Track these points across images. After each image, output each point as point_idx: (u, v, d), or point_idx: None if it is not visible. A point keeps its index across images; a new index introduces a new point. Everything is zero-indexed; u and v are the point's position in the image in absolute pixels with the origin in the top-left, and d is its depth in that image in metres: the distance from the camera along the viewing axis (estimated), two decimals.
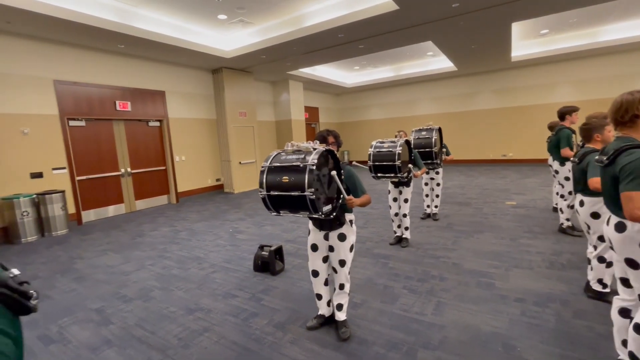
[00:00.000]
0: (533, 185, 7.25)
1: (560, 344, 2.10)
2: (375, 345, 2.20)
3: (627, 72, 9.02)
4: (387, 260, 3.62)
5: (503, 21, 6.04)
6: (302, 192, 1.84)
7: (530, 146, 10.51)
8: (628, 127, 1.61)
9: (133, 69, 6.66)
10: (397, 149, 3.37)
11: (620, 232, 1.62)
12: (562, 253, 3.52)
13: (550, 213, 5.02)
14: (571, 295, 2.68)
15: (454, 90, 11.70)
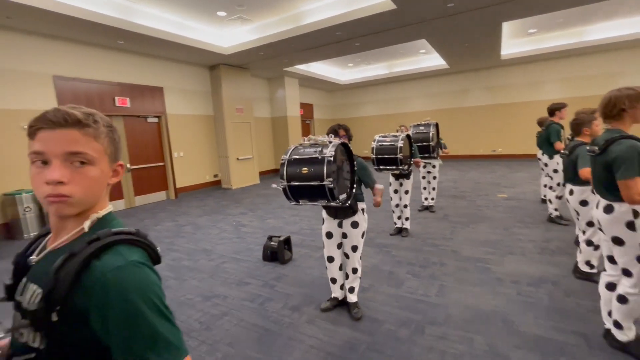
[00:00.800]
0: (522, 179, 7.56)
1: (552, 318, 2.32)
2: (386, 323, 2.39)
3: (611, 71, 9.42)
4: (390, 249, 3.82)
5: (494, 21, 6.27)
6: (322, 182, 1.99)
7: (519, 142, 10.87)
8: (616, 120, 1.82)
9: (132, 65, 6.66)
10: (399, 142, 3.55)
11: (608, 213, 1.83)
12: (552, 240, 3.78)
13: (539, 204, 5.29)
14: (561, 276, 2.91)
15: (445, 87, 11.97)
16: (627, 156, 1.65)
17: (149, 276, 0.62)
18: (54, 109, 0.63)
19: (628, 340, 1.89)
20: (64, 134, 0.63)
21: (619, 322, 1.91)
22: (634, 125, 1.85)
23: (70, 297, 0.58)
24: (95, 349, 0.61)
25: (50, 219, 0.69)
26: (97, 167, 0.66)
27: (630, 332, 1.90)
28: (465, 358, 1.98)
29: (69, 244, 0.66)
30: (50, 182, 0.61)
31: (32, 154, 0.63)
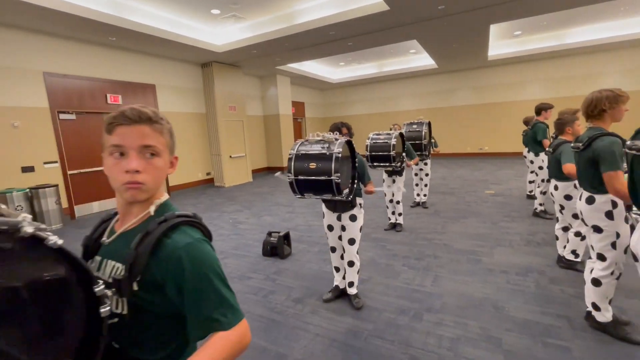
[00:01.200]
0: (508, 176, 7.85)
1: (539, 303, 2.50)
2: (385, 311, 2.52)
3: (591, 72, 9.84)
4: (385, 243, 3.96)
5: (482, 23, 6.49)
6: (329, 177, 2.09)
7: (505, 140, 11.23)
8: (597, 119, 1.99)
9: (124, 62, 6.59)
10: (392, 140, 3.68)
11: (590, 204, 2.01)
12: (537, 233, 3.99)
13: (525, 200, 5.54)
14: (546, 266, 3.11)
15: (434, 86, 12.23)
16: (609, 151, 1.82)
17: (210, 251, 0.74)
18: (130, 107, 0.73)
19: (606, 321, 2.07)
20: (138, 129, 0.72)
21: (596, 304, 2.09)
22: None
23: (148, 268, 0.68)
24: (168, 313, 0.72)
25: (120, 205, 0.78)
26: (162, 158, 0.76)
27: (607, 313, 2.08)
28: (461, 341, 2.13)
29: (137, 226, 0.76)
30: (130, 171, 0.71)
31: (111, 146, 0.72)
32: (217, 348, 0.66)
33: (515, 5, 5.56)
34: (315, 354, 2.10)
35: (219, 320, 0.68)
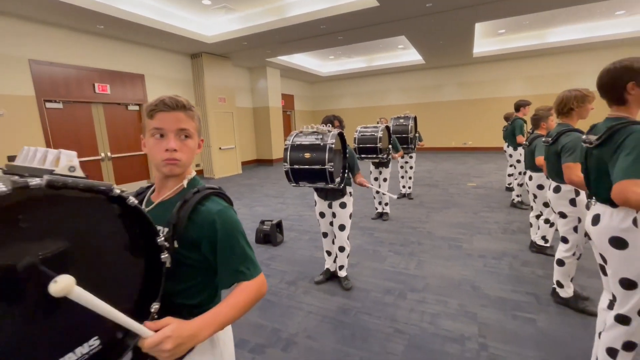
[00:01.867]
0: (489, 170, 8.20)
1: (512, 283, 2.75)
2: (373, 291, 2.72)
3: (569, 70, 10.28)
4: (372, 231, 4.17)
5: (468, 21, 6.71)
6: (323, 166, 2.25)
7: (487, 135, 11.62)
8: (566, 116, 2.21)
9: (112, 51, 6.50)
10: (379, 133, 3.86)
11: (556, 192, 2.24)
12: (513, 222, 4.28)
13: (504, 192, 5.85)
14: (519, 251, 3.38)
15: (421, 82, 12.49)
16: (571, 145, 2.04)
17: (236, 216, 0.91)
18: (168, 97, 0.87)
19: (568, 296, 2.33)
20: (176, 115, 0.87)
21: (560, 282, 2.34)
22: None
23: (187, 229, 0.84)
24: (202, 267, 0.88)
25: (157, 179, 0.94)
26: (193, 140, 0.92)
27: (569, 289, 2.33)
28: (441, 316, 2.35)
29: (173, 197, 0.92)
30: (169, 149, 0.86)
31: (153, 129, 0.86)
32: (242, 294, 0.83)
33: (499, 5, 5.79)
34: (308, 329, 2.28)
35: (244, 272, 0.85)
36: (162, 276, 0.77)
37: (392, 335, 2.17)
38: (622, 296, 1.42)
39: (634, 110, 1.42)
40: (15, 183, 0.52)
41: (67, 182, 0.58)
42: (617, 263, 1.42)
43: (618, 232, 1.39)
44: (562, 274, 2.30)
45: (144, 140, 0.91)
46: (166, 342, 0.67)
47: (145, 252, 0.75)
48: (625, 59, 1.41)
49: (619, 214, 1.39)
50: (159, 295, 0.76)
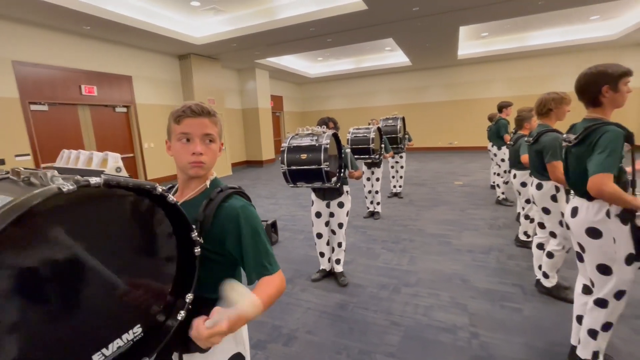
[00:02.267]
0: (475, 168, 8.46)
1: (499, 275, 2.90)
2: (368, 287, 2.82)
3: (548, 72, 10.70)
4: (365, 230, 4.27)
5: (453, 24, 6.93)
6: (319, 166, 2.33)
7: (472, 135, 11.94)
8: (545, 117, 2.36)
9: (99, 52, 6.39)
10: (371, 134, 3.97)
11: (539, 189, 2.39)
12: (499, 218, 4.47)
13: (489, 190, 6.07)
14: (505, 245, 3.55)
15: (408, 83, 12.73)
16: (552, 145, 2.19)
17: (256, 213, 0.98)
18: (195, 103, 0.94)
19: (552, 285, 2.48)
20: (201, 120, 0.94)
21: (546, 272, 2.49)
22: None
23: (212, 227, 0.90)
24: (225, 261, 0.95)
25: (181, 180, 1.00)
26: (216, 144, 0.99)
27: (553, 279, 2.49)
28: (434, 308, 2.47)
29: (197, 196, 0.98)
30: (196, 153, 0.92)
31: (180, 133, 0.93)
32: (268, 288, 0.88)
33: (482, 9, 6.01)
34: (307, 324, 2.35)
35: (267, 267, 0.91)
36: (196, 269, 0.83)
37: (388, 327, 2.27)
38: (600, 281, 1.56)
39: (608, 111, 1.56)
40: (78, 182, 0.58)
41: (120, 181, 0.64)
42: (593, 251, 1.56)
43: (593, 223, 1.53)
44: (550, 265, 2.43)
45: (169, 144, 0.98)
46: (222, 323, 0.71)
47: (179, 247, 0.81)
48: (600, 65, 1.54)
49: (594, 206, 1.53)
50: (193, 287, 0.83)
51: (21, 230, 0.52)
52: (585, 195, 1.57)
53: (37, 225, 0.55)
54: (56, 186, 0.56)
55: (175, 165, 0.99)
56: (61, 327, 0.60)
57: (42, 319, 0.57)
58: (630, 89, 1.53)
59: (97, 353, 0.66)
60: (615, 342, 1.94)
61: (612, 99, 1.52)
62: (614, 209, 1.49)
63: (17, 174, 0.72)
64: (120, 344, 0.70)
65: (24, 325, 0.55)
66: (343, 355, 2.02)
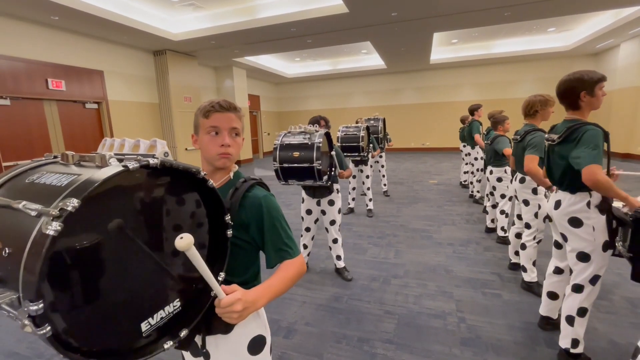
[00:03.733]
0: (447, 168, 8.90)
1: (478, 265, 3.12)
2: (359, 280, 2.93)
3: (511, 79, 11.48)
4: (351, 226, 4.40)
5: (428, 30, 7.26)
6: (311, 164, 2.39)
7: (443, 136, 12.53)
8: (532, 117, 2.58)
9: (68, 44, 6.03)
10: (361, 132, 4.11)
11: (522, 183, 2.61)
12: (473, 213, 4.77)
13: (461, 188, 6.43)
14: (481, 238, 3.81)
15: (383, 86, 13.10)
16: (535, 142, 2.40)
17: (276, 202, 1.04)
18: (222, 99, 0.99)
19: (532, 281, 2.63)
20: (228, 115, 0.99)
21: (524, 266, 2.67)
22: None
23: (238, 214, 0.96)
24: (249, 247, 1.00)
25: (207, 171, 1.02)
26: (240, 138, 1.04)
27: (533, 274, 2.64)
28: (423, 297, 2.62)
29: (222, 187, 1.03)
30: (225, 145, 0.98)
31: (209, 127, 0.98)
32: (289, 270, 0.95)
33: (456, 17, 6.37)
34: (305, 317, 2.42)
35: (287, 251, 0.98)
36: (228, 249, 0.89)
37: (383, 316, 2.39)
38: (579, 268, 1.75)
39: (585, 113, 1.77)
40: (140, 161, 0.64)
41: (173, 162, 0.70)
42: (574, 240, 1.75)
43: (575, 213, 1.73)
44: (525, 257, 2.63)
45: (196, 138, 1.03)
46: (237, 303, 0.77)
47: (213, 228, 0.87)
48: (578, 72, 1.74)
49: (576, 198, 1.73)
50: (225, 266, 0.89)
51: (89, 206, 0.55)
52: (568, 189, 1.76)
53: (103, 201, 0.59)
54: (122, 164, 0.61)
55: (202, 156, 1.04)
56: (116, 297, 0.65)
57: (101, 289, 0.62)
58: (605, 93, 1.73)
59: (145, 322, 0.72)
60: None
61: (589, 102, 1.72)
62: (594, 200, 1.69)
63: (67, 158, 0.74)
64: (163, 315, 0.76)
65: (87, 292, 0.60)
66: (343, 343, 2.11)
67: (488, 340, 2.08)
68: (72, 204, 0.52)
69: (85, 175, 0.59)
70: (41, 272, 0.50)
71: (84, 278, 0.59)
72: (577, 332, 1.77)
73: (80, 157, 0.73)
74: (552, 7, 5.97)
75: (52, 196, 0.56)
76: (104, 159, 0.65)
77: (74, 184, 0.58)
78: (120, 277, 0.65)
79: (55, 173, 0.67)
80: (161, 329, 0.76)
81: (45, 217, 0.52)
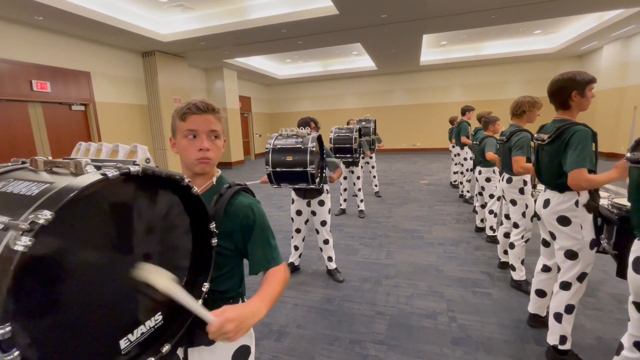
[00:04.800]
0: (437, 168, 8.99)
1: (468, 265, 3.15)
2: (351, 281, 2.93)
3: (499, 80, 11.67)
4: (342, 227, 4.40)
5: (417, 32, 7.33)
6: (305, 169, 2.38)
7: (434, 137, 12.65)
8: (518, 117, 2.63)
9: (53, 45, 5.90)
10: (354, 133, 4.12)
11: (509, 183, 2.65)
12: (463, 213, 4.82)
13: (451, 187, 6.50)
14: (471, 238, 3.85)
15: (373, 87, 13.18)
16: (520, 143, 2.45)
17: (263, 210, 1.01)
18: (199, 100, 0.94)
19: (521, 279, 2.67)
20: (207, 117, 0.94)
21: (513, 265, 2.71)
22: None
23: (222, 221, 0.92)
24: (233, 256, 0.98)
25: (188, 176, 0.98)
26: (221, 140, 0.99)
27: (521, 272, 2.68)
28: (414, 297, 2.63)
29: (203, 194, 0.98)
30: (203, 149, 0.93)
31: (186, 130, 0.93)
32: (278, 276, 0.94)
33: (444, 19, 6.45)
34: (297, 319, 2.40)
35: (274, 258, 0.97)
36: (212, 259, 0.86)
37: (374, 317, 2.39)
38: (567, 266, 1.78)
39: (575, 113, 1.80)
40: (120, 169, 0.60)
41: (155, 170, 0.67)
42: (562, 238, 1.78)
43: (564, 212, 1.76)
44: (514, 256, 2.67)
45: (174, 141, 0.98)
46: (228, 324, 0.73)
47: (196, 237, 0.84)
48: (569, 72, 1.77)
49: (565, 197, 1.76)
50: (209, 276, 0.86)
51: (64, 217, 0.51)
52: (557, 188, 1.79)
53: (76, 211, 0.55)
54: (101, 172, 0.57)
55: (181, 162, 0.99)
56: (92, 314, 0.61)
57: (74, 306, 0.57)
58: (593, 95, 1.77)
59: (124, 338, 0.68)
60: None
61: (579, 102, 1.75)
62: (582, 199, 1.72)
63: (36, 164, 0.71)
64: (144, 330, 0.72)
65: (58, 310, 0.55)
66: (335, 345, 2.11)
67: (478, 339, 2.10)
68: (45, 216, 0.47)
69: (59, 184, 0.55)
70: (8, 292, 0.45)
71: (56, 296, 0.54)
72: (565, 329, 1.80)
73: (51, 163, 0.69)
74: (536, 10, 6.10)
75: (21, 207, 0.52)
76: (80, 165, 0.61)
77: (46, 193, 0.53)
78: (98, 292, 0.61)
79: (24, 181, 0.62)
80: (142, 345, 0.72)
81: (14, 231, 0.47)
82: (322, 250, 3.01)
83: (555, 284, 1.86)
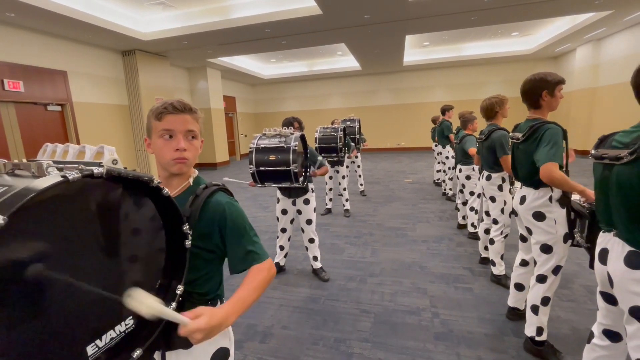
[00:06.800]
0: (421, 167, 9.14)
1: (451, 261, 3.22)
2: (336, 280, 2.95)
3: (479, 80, 11.96)
4: (328, 227, 4.42)
5: (400, 33, 7.43)
6: (288, 167, 2.39)
7: (417, 136, 12.86)
8: (494, 118, 2.71)
9: (26, 43, 5.66)
10: (339, 133, 4.14)
11: (488, 180, 2.72)
12: (446, 211, 4.92)
13: (435, 186, 6.63)
14: (454, 234, 3.94)
15: (358, 87, 13.28)
16: (500, 142, 2.52)
17: (241, 208, 1.00)
18: (176, 100, 0.93)
19: (500, 274, 2.75)
20: (183, 117, 0.93)
21: (493, 260, 2.79)
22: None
23: (198, 222, 0.91)
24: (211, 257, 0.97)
25: (162, 177, 0.98)
26: (198, 140, 0.98)
27: (501, 267, 2.76)
28: (399, 294, 2.67)
29: (180, 194, 0.97)
30: (180, 149, 0.92)
31: (162, 130, 0.92)
32: (258, 276, 0.92)
33: (426, 21, 6.57)
34: (282, 320, 2.40)
35: (256, 253, 0.94)
36: (186, 261, 0.85)
37: (359, 315, 2.41)
38: (542, 260, 1.84)
39: (545, 112, 1.87)
40: (82, 171, 0.58)
41: (121, 171, 0.65)
42: (538, 232, 1.84)
43: (538, 208, 1.82)
44: (493, 251, 2.75)
45: (149, 142, 0.96)
46: (197, 333, 0.73)
47: (170, 239, 0.83)
48: (540, 73, 1.84)
49: (539, 194, 1.83)
50: (184, 279, 0.84)
51: (21, 220, 0.50)
52: (532, 185, 1.86)
53: (37, 215, 0.54)
54: (62, 174, 0.55)
55: (157, 162, 0.98)
56: (54, 320, 0.59)
57: (34, 311, 0.55)
58: (562, 95, 1.85)
59: (91, 344, 0.65)
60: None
61: (548, 102, 1.83)
62: (555, 195, 1.79)
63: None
64: (113, 335, 0.70)
65: (18, 318, 0.53)
66: (320, 345, 2.11)
67: (460, 334, 2.15)
68: None
69: (17, 187, 0.53)
70: None
71: (13, 304, 0.52)
72: (542, 320, 1.87)
73: (13, 166, 0.67)
74: (513, 12, 6.29)
75: None
76: (41, 167, 0.59)
77: (1, 197, 0.51)
78: (64, 296, 0.59)
79: None
80: (112, 351, 0.70)
81: None
82: (308, 249, 3.01)
83: (532, 277, 1.92)
